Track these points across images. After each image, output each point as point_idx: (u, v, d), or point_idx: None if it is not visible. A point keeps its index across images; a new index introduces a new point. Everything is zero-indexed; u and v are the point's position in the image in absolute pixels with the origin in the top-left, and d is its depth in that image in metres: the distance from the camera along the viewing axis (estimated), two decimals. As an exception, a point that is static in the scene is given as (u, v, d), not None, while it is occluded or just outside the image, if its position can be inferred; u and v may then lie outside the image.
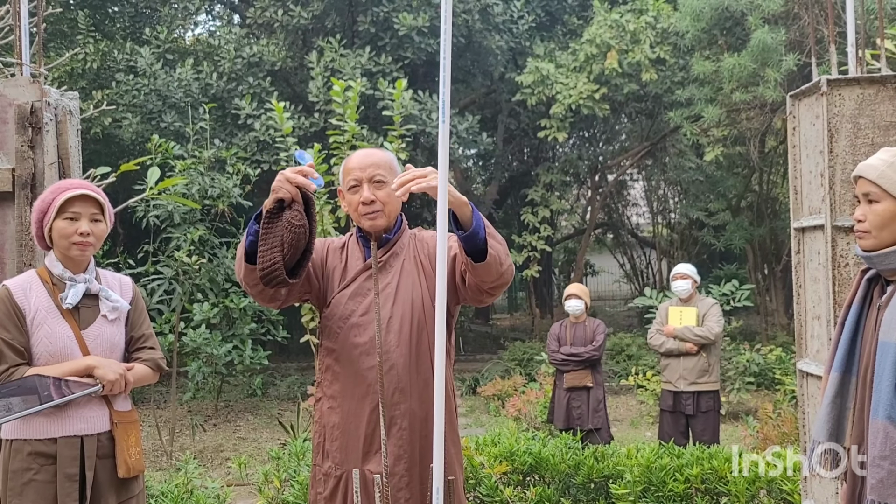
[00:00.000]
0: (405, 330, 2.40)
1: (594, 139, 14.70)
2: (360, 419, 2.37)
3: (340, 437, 2.41)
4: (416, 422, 2.36)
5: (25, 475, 2.41)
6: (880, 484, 1.90)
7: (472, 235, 2.17)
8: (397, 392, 2.37)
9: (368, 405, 2.36)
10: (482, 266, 2.19)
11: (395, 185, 2.15)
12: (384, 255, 2.49)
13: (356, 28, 10.93)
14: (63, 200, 2.48)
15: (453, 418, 2.47)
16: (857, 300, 2.11)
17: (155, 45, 10.82)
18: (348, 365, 2.41)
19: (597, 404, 6.15)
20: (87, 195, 2.53)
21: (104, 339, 2.57)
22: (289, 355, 13.18)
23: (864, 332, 2.07)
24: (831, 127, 2.92)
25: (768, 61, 8.66)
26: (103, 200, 2.58)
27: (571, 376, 6.13)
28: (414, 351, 2.40)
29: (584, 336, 6.23)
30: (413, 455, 2.35)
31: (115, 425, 2.53)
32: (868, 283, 2.11)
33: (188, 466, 5.09)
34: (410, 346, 2.39)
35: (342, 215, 6.41)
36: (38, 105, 2.96)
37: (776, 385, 8.89)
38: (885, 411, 1.89)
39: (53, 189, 2.55)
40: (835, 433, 2.11)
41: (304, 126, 10.02)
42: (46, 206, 2.50)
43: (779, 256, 12.31)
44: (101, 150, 10.64)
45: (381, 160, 2.46)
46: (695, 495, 4.07)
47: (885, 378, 1.90)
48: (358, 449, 2.37)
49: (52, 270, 2.55)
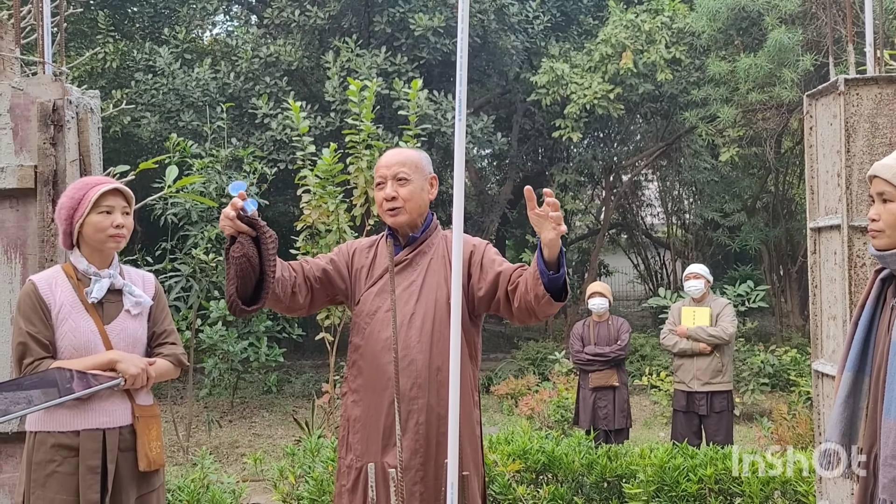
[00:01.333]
0: (427, 327, 2.44)
1: (609, 139, 14.65)
2: (380, 412, 2.42)
3: (361, 429, 2.46)
4: (433, 417, 2.39)
5: (48, 467, 2.46)
6: (892, 483, 1.90)
7: (558, 278, 2.25)
8: (415, 387, 2.40)
9: (387, 399, 2.41)
10: (558, 304, 2.28)
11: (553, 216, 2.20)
12: (410, 252, 2.56)
13: (372, 28, 10.97)
14: (98, 195, 2.53)
15: (472, 418, 2.49)
16: (870, 300, 2.10)
17: (173, 45, 10.92)
18: (371, 359, 2.47)
19: (622, 404, 6.12)
20: (118, 189, 2.59)
21: (127, 334, 2.60)
22: (304, 353, 13.25)
23: (878, 332, 2.06)
24: (848, 127, 2.92)
25: (785, 61, 8.62)
26: (130, 195, 2.64)
27: (597, 376, 6.08)
28: (435, 348, 2.43)
29: (607, 335, 6.18)
30: (429, 450, 2.37)
31: (137, 419, 2.57)
32: (882, 282, 2.10)
33: (204, 462, 5.14)
34: (431, 343, 2.43)
35: (357, 214, 6.45)
36: (59, 103, 3.01)
37: (791, 386, 8.85)
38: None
39: (81, 186, 2.59)
40: (848, 433, 2.11)
41: (321, 125, 10.07)
42: (77, 203, 2.54)
43: (794, 257, 12.22)
44: (121, 148, 10.75)
45: (408, 159, 2.56)
46: (708, 496, 4.06)
47: None
48: (378, 442, 2.42)
49: (77, 266, 2.59)
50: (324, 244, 6.32)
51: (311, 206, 6.24)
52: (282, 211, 11.62)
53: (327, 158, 6.16)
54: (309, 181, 6.25)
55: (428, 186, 2.60)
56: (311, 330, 8.68)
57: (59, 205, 2.60)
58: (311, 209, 6.24)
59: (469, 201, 14.68)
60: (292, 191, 7.62)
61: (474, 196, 15.38)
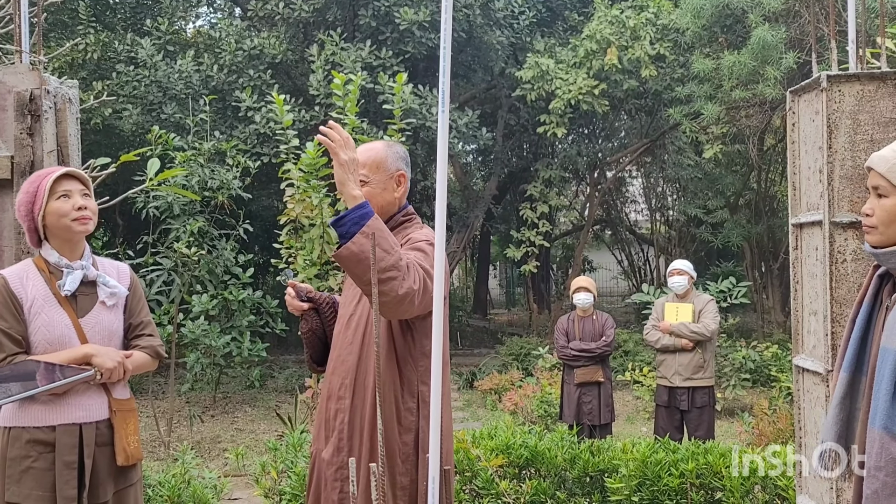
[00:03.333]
0: (360, 329, 2.45)
1: (593, 136, 14.70)
2: (323, 406, 2.51)
3: (317, 417, 2.58)
4: (356, 418, 2.41)
5: (24, 462, 2.41)
6: (875, 495, 1.85)
7: (337, 223, 2.17)
8: (343, 387, 2.44)
9: (325, 394, 2.52)
10: (348, 260, 2.15)
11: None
12: None
13: (357, 22, 10.91)
14: (52, 181, 2.48)
15: (402, 423, 2.39)
16: (867, 298, 2.02)
17: (156, 37, 10.81)
18: (332, 356, 2.55)
19: (607, 399, 6.13)
20: (71, 174, 2.54)
21: (102, 327, 2.56)
22: (287, 348, 13.20)
23: (874, 332, 1.98)
24: (831, 123, 2.93)
25: (768, 59, 8.66)
26: (86, 178, 2.59)
27: (582, 372, 6.08)
28: (365, 350, 2.43)
29: (592, 330, 6.18)
30: (351, 450, 2.41)
31: (114, 413, 2.53)
32: (879, 279, 2.01)
33: (185, 457, 5.09)
34: (363, 345, 2.44)
35: (341, 208, 6.42)
36: (37, 93, 2.96)
37: (772, 382, 8.92)
38: (882, 421, 1.82)
39: (33, 179, 2.53)
40: (844, 435, 2.03)
41: (305, 119, 10.01)
42: (33, 196, 2.49)
43: (776, 254, 12.32)
44: (102, 140, 10.62)
45: (368, 158, 2.48)
46: (689, 490, 4.08)
47: (884, 386, 1.82)
48: (322, 433, 2.51)
49: (48, 259, 2.54)
50: (307, 238, 6.28)
51: (294, 200, 6.20)
52: (265, 205, 11.56)
53: (311, 152, 6.12)
54: (293, 175, 6.21)
55: (393, 185, 2.50)
56: (295, 325, 8.63)
57: (18, 203, 2.54)
58: (294, 203, 6.20)
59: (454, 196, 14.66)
60: (276, 184, 7.58)
61: (459, 191, 15.38)
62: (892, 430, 1.81)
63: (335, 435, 2.42)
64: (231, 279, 8.09)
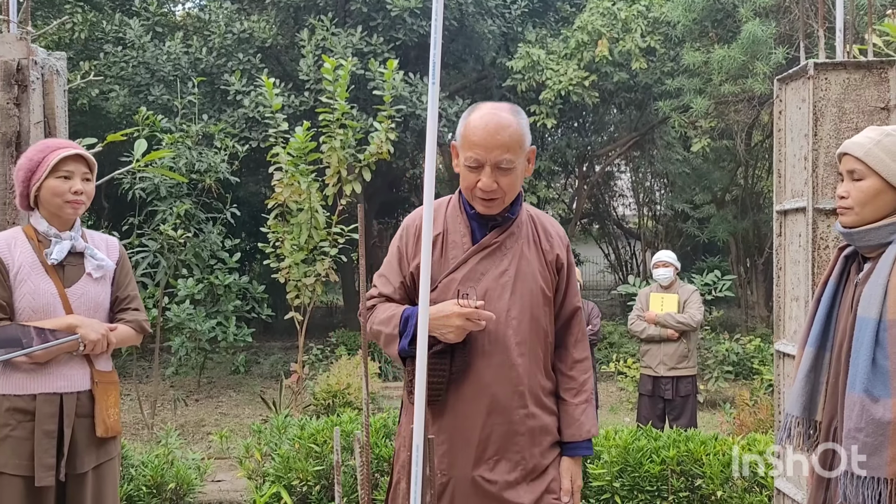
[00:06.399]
0: (524, 326, 2.11)
1: (583, 128, 14.72)
2: (475, 424, 2.14)
3: (447, 440, 2.16)
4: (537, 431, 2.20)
5: (3, 430, 2.40)
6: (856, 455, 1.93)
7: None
8: (516, 395, 2.12)
9: (483, 408, 2.13)
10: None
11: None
12: (499, 235, 2.16)
13: (348, 7, 10.85)
14: (58, 159, 2.46)
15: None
16: (833, 277, 2.13)
17: (144, 18, 10.70)
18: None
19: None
20: (79, 155, 2.52)
21: (88, 298, 2.55)
22: (273, 334, 13.17)
23: (840, 309, 2.09)
24: (817, 111, 2.95)
25: (758, 54, 8.71)
26: (93, 161, 2.58)
27: None
28: (532, 352, 2.14)
29: None
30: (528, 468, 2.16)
31: (96, 384, 2.53)
32: (845, 260, 2.12)
33: (169, 438, 5.08)
34: (529, 346, 2.13)
35: (330, 194, 6.40)
36: (24, 63, 2.93)
37: (754, 374, 9.00)
38: (863, 385, 1.91)
39: (42, 148, 2.52)
40: (808, 407, 2.14)
41: (294, 104, 9.96)
42: (35, 165, 2.47)
43: (761, 249, 12.42)
44: (88, 121, 10.52)
45: (512, 140, 2.04)
46: (670, 476, 4.12)
47: (863, 353, 1.92)
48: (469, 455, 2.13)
49: (37, 228, 2.53)
50: (295, 223, 6.26)
51: (282, 185, 6.17)
52: (253, 191, 11.49)
53: (300, 136, 6.09)
54: (281, 159, 6.18)
55: (527, 164, 2.14)
56: (281, 311, 8.62)
57: (18, 165, 2.53)
58: (282, 187, 6.17)
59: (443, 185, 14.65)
60: (264, 169, 7.53)
61: (448, 180, 15.37)
62: (872, 393, 1.90)
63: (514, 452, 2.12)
64: (217, 263, 8.05)
